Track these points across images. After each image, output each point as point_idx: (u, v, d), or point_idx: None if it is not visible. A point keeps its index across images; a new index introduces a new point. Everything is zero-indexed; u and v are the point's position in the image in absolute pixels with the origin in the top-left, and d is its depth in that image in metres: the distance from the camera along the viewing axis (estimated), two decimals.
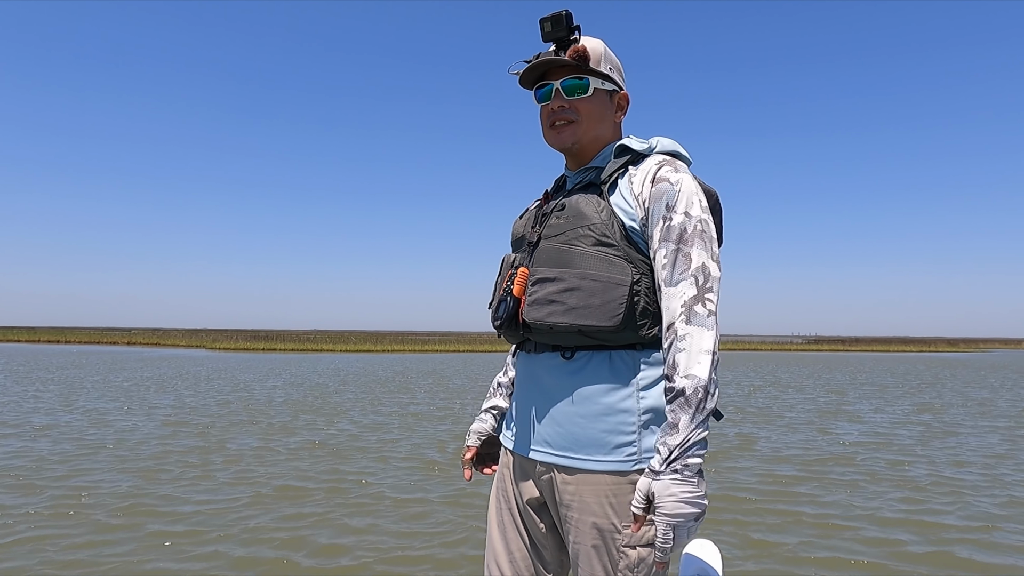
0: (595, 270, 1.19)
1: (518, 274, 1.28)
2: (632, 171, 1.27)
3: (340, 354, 34.25)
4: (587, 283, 1.19)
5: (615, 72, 1.35)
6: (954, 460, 6.50)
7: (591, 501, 1.20)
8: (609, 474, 1.19)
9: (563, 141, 1.33)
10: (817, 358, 36.80)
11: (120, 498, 4.70)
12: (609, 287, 1.18)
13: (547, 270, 1.24)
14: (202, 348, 40.93)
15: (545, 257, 1.26)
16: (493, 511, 1.42)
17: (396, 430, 8.09)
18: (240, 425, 8.29)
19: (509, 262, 1.36)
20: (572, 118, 1.31)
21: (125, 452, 6.40)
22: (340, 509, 4.52)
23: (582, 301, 1.18)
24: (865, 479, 5.61)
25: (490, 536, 1.41)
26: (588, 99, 1.31)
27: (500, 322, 1.29)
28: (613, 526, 1.19)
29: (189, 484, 5.16)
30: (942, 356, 44.43)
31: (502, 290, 1.32)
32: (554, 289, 1.21)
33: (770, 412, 10.33)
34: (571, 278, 1.20)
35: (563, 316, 1.19)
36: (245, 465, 5.90)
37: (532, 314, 1.23)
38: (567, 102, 1.31)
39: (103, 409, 9.65)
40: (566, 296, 1.20)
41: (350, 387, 14.08)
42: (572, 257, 1.22)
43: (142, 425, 8.15)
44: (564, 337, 1.22)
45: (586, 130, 1.32)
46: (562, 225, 1.26)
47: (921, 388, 15.63)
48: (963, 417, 9.97)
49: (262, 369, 20.04)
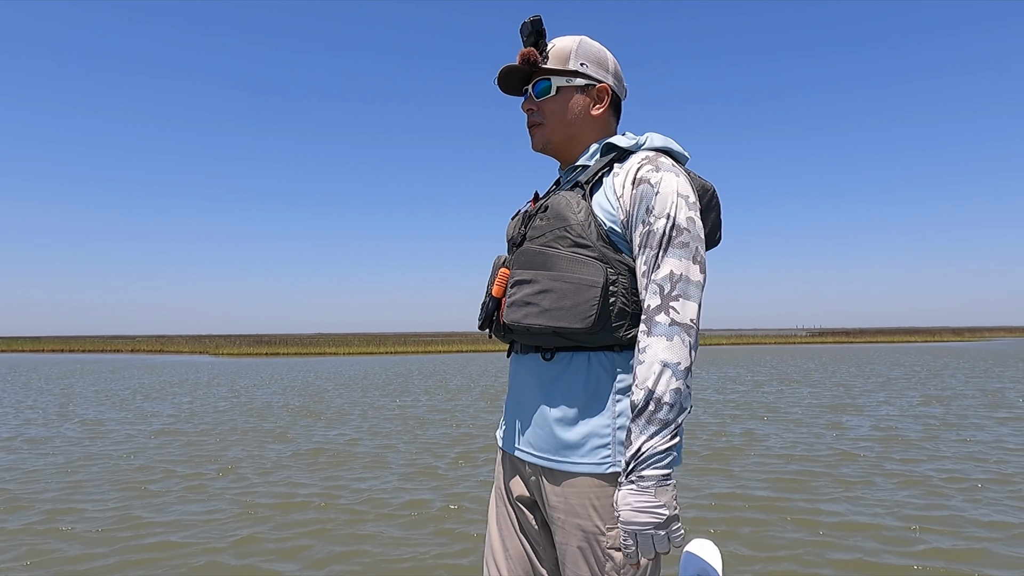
0: (568, 271, 1.20)
1: (498, 275, 1.31)
2: (617, 169, 1.27)
3: (343, 357, 34.17)
4: (559, 284, 1.19)
5: (591, 66, 1.34)
6: (969, 455, 6.33)
7: (575, 503, 1.21)
8: (591, 476, 1.20)
9: (535, 144, 1.36)
10: (822, 350, 36.61)
11: (109, 511, 4.56)
12: (581, 288, 1.18)
13: (524, 272, 1.25)
14: (205, 354, 40.94)
15: (524, 259, 1.27)
16: (492, 507, 1.44)
17: (396, 435, 7.95)
18: (232, 433, 8.16)
19: (498, 263, 1.39)
20: (540, 120, 1.34)
21: (114, 463, 6.27)
22: (338, 517, 4.38)
23: (555, 303, 1.19)
24: (880, 476, 5.45)
25: (489, 532, 1.42)
26: (553, 99, 1.33)
27: (481, 323, 1.33)
28: (597, 528, 1.19)
29: (179, 495, 5.02)
30: (948, 346, 44.16)
31: (488, 291, 1.35)
32: (530, 291, 1.22)
33: (777, 407, 10.18)
34: (545, 280, 1.21)
35: (537, 318, 1.20)
36: (239, 474, 5.76)
37: (510, 315, 1.24)
38: (536, 104, 1.34)
39: (94, 419, 9.53)
40: (540, 298, 1.21)
41: (347, 391, 13.95)
42: (548, 259, 1.22)
43: (136, 434, 8.02)
44: (542, 339, 1.23)
45: (553, 130, 1.33)
46: (543, 227, 1.26)
47: (927, 379, 15.44)
48: (973, 409, 9.79)
49: (262, 374, 19.93)
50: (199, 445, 7.28)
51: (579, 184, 1.28)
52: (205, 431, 8.33)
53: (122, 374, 20.52)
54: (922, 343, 52.89)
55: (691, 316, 1.13)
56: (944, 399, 11.14)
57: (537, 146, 1.36)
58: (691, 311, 1.13)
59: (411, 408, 10.66)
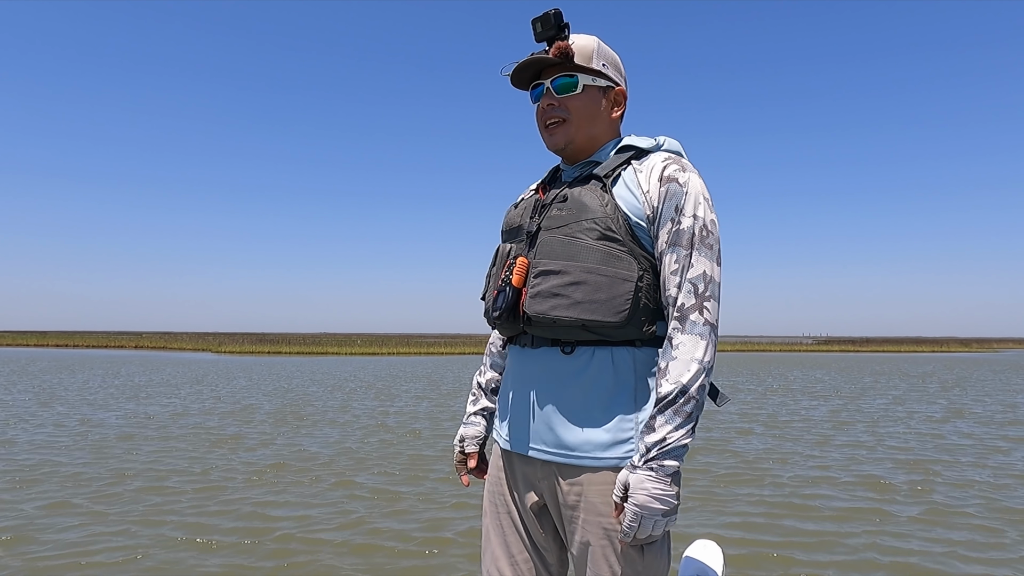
0: (602, 264, 1.18)
1: (517, 264, 1.25)
2: (637, 166, 1.26)
3: (345, 357, 33.88)
4: (593, 277, 1.17)
5: (610, 68, 1.32)
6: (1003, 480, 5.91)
7: (596, 501, 1.20)
8: (611, 471, 1.19)
9: (556, 142, 1.31)
10: (830, 359, 36.06)
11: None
12: (616, 282, 1.17)
13: (551, 262, 1.21)
14: (208, 351, 40.76)
15: (548, 249, 1.22)
16: (489, 516, 1.38)
17: (370, 443, 7.59)
18: (182, 439, 7.82)
19: (505, 252, 1.32)
20: (563, 117, 1.29)
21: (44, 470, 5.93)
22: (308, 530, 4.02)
23: (588, 296, 1.17)
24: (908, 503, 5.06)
25: (487, 541, 1.37)
26: (578, 96, 1.29)
27: (499, 313, 1.25)
28: (615, 524, 1.19)
29: (122, 505, 4.66)
30: (957, 356, 43.51)
31: (500, 280, 1.28)
32: (559, 282, 1.19)
33: (790, 424, 9.77)
34: (577, 271, 1.18)
35: (568, 310, 1.17)
36: (164, 487, 5.40)
37: (535, 307, 1.21)
38: (557, 100, 1.29)
39: (56, 419, 9.22)
40: (571, 290, 1.18)
41: (336, 393, 13.60)
42: (578, 250, 1.19)
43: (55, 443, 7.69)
44: (566, 331, 1.20)
45: (578, 129, 1.30)
46: (564, 217, 1.24)
47: (939, 394, 14.96)
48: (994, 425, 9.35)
49: (257, 373, 19.62)
50: (132, 453, 6.95)
51: (594, 176, 1.26)
52: (149, 437, 7.99)
53: (117, 370, 20.24)
54: (929, 352, 52.26)
55: (718, 316, 1.18)
56: (966, 413, 10.67)
57: (559, 144, 1.31)
58: (717, 312, 1.18)
59: (387, 417, 10.30)
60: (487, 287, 1.36)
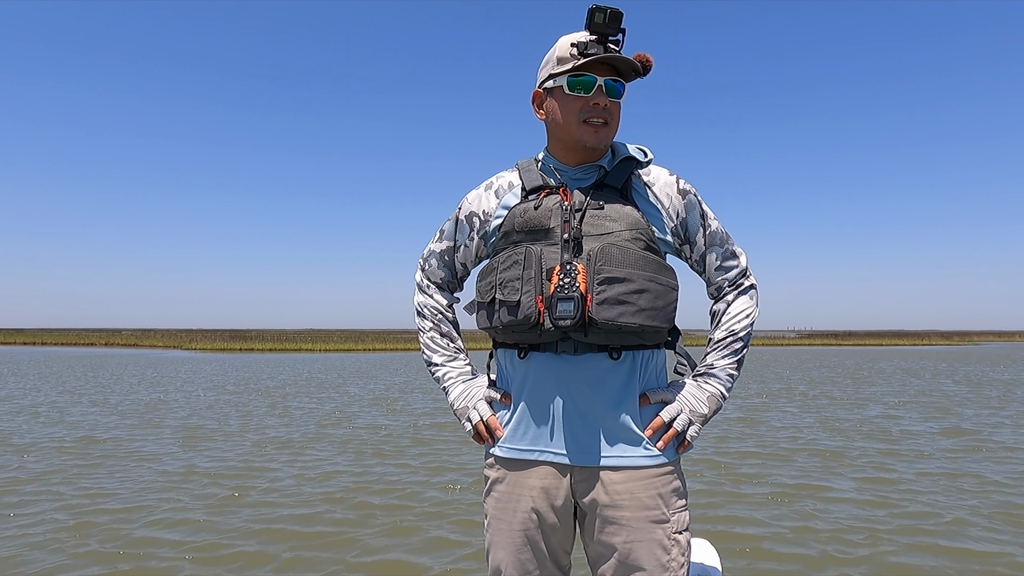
0: (658, 274, 1.26)
1: (580, 271, 1.24)
2: (645, 179, 1.38)
3: (319, 354, 33.03)
4: (654, 286, 1.24)
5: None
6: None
7: (644, 496, 1.26)
8: (657, 467, 1.28)
9: (600, 141, 1.32)
10: (814, 353, 35.88)
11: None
12: (668, 291, 1.27)
13: (616, 269, 1.23)
14: (178, 349, 39.74)
15: (609, 255, 1.24)
16: (507, 535, 1.34)
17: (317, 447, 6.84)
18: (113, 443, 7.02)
19: (536, 255, 1.27)
20: (607, 119, 1.31)
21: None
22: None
23: (650, 303, 1.23)
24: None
25: (495, 559, 1.36)
26: (619, 105, 1.34)
27: (569, 322, 1.21)
28: (665, 516, 1.27)
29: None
30: (938, 349, 43.55)
31: (553, 287, 1.24)
32: (624, 289, 1.22)
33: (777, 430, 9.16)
34: (640, 279, 1.23)
35: (633, 317, 1.22)
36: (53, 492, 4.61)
37: (603, 314, 1.21)
38: (608, 102, 1.30)
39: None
40: (636, 297, 1.22)
41: (302, 390, 12.81)
42: (636, 258, 1.24)
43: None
44: (622, 337, 1.25)
45: (612, 134, 1.34)
46: (610, 225, 1.27)
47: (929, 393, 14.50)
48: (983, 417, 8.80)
49: (217, 371, 18.76)
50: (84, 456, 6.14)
51: (607, 185, 1.32)
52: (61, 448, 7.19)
53: (71, 369, 19.29)
54: (911, 346, 52.42)
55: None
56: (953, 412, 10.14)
57: (601, 143, 1.32)
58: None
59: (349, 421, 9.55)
60: (505, 291, 1.28)
